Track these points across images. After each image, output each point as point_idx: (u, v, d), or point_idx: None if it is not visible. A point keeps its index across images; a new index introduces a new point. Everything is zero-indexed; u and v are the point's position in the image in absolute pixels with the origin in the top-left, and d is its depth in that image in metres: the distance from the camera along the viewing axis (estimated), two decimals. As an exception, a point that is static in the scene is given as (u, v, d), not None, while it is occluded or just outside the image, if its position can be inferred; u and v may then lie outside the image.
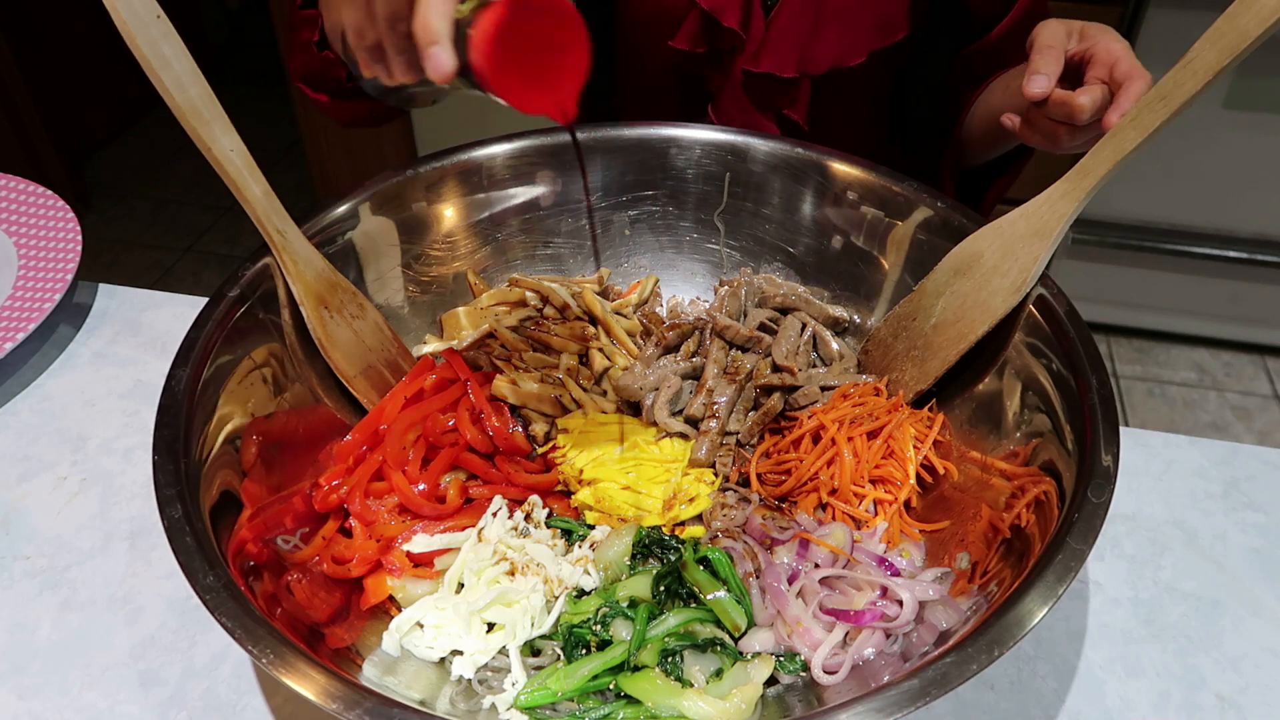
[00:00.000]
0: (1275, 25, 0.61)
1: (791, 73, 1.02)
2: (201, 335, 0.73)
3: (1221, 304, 2.32)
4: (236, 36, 3.60)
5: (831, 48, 1.01)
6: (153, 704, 0.70)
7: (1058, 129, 0.82)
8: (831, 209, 0.94)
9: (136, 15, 0.65)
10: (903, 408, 0.82)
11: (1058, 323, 0.75)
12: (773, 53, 1.02)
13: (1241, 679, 0.73)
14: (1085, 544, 0.59)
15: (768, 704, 0.64)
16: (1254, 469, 0.88)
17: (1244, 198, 2.15)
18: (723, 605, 0.68)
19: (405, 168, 0.92)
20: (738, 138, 0.96)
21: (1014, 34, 1.02)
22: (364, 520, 0.74)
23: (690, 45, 1.03)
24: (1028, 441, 0.73)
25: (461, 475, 0.79)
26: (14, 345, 0.93)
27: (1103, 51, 0.79)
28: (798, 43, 1.01)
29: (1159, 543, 0.82)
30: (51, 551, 0.81)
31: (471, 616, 0.68)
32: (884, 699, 0.53)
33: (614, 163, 0.98)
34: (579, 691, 0.63)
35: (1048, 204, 0.76)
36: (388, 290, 0.93)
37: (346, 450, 0.78)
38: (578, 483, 0.80)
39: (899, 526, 0.75)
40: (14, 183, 1.12)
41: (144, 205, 2.98)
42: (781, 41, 1.01)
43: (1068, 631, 0.75)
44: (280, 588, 0.66)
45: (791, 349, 0.89)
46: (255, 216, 0.76)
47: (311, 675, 0.54)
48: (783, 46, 1.02)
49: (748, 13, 1.00)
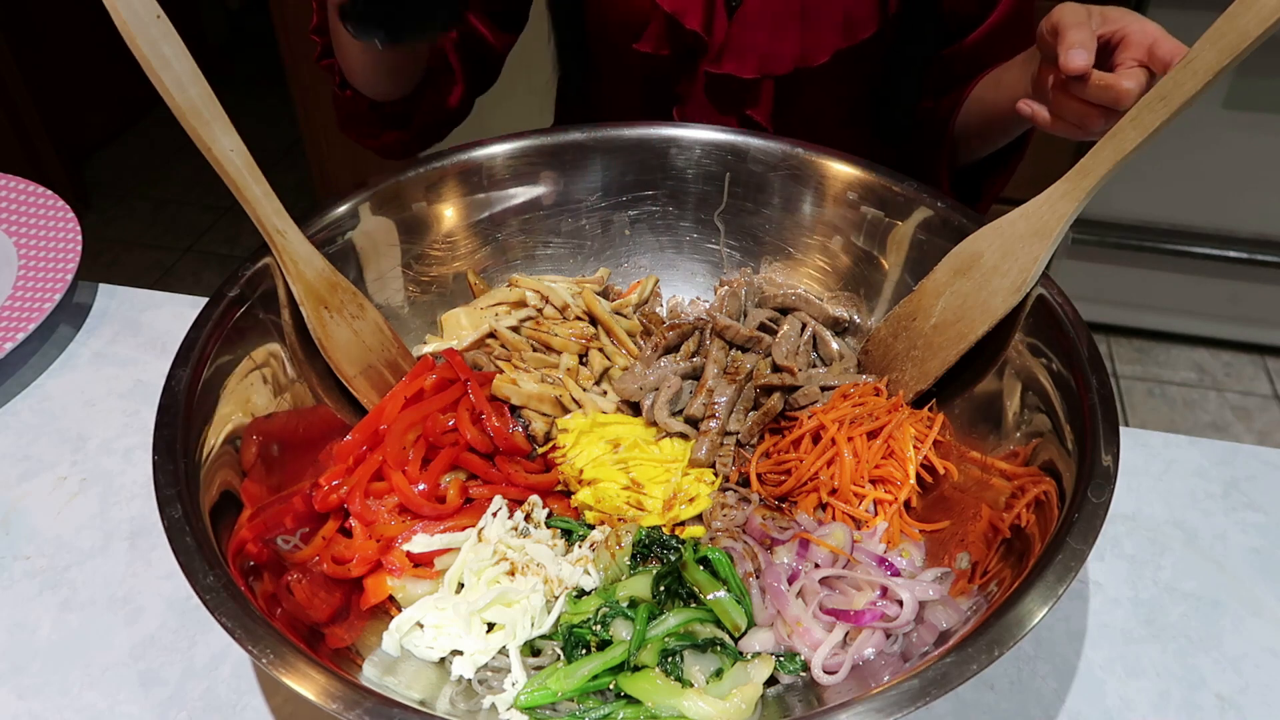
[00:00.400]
0: (1275, 25, 0.61)
1: (752, 74, 1.02)
2: (201, 335, 0.73)
3: (1221, 304, 2.32)
4: (236, 36, 3.60)
5: (794, 48, 1.01)
6: (153, 704, 0.70)
7: (1090, 113, 0.77)
8: (831, 209, 0.94)
9: (136, 15, 0.65)
10: (903, 408, 0.82)
11: (1058, 323, 0.75)
12: (734, 54, 1.02)
13: (1241, 679, 0.73)
14: (1085, 544, 0.59)
15: (768, 704, 0.64)
16: (1254, 469, 0.88)
17: (1244, 198, 2.15)
18: (723, 605, 0.68)
19: (405, 168, 0.92)
20: (738, 138, 0.96)
21: (996, 35, 1.01)
22: (364, 520, 0.74)
23: (654, 48, 1.03)
24: (1028, 441, 0.73)
25: (461, 475, 0.79)
26: (14, 345, 0.93)
27: (1137, 33, 0.75)
28: (759, 43, 1.01)
29: (1159, 543, 0.82)
30: (51, 551, 0.81)
31: (471, 616, 0.68)
32: (884, 699, 0.53)
33: (614, 163, 0.98)
34: (579, 691, 0.63)
35: (1048, 204, 0.76)
36: (388, 290, 0.93)
37: (346, 450, 0.78)
38: (578, 483, 0.80)
39: (899, 526, 0.75)
40: (14, 183, 1.12)
41: (144, 205, 2.98)
42: (743, 42, 1.01)
43: (1068, 631, 0.75)
44: (280, 588, 0.66)
45: (791, 349, 0.89)
46: (255, 216, 0.76)
47: (311, 675, 0.54)
48: (744, 47, 1.01)
49: (710, 14, 1.00)
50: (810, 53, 1.01)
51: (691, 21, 1.00)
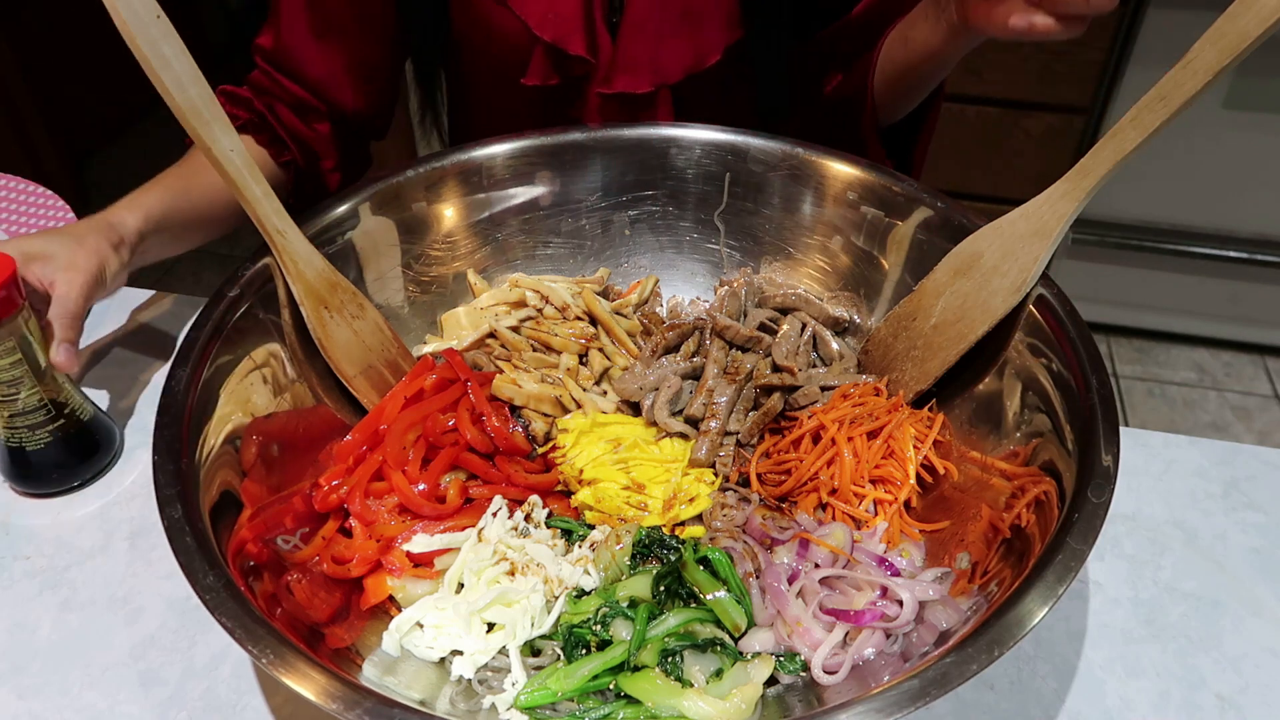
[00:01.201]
0: (1275, 25, 0.61)
1: (647, 87, 1.01)
2: (201, 335, 0.73)
3: (1221, 304, 2.32)
4: (236, 36, 3.59)
5: (684, 53, 0.99)
6: (153, 704, 0.70)
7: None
8: (831, 209, 0.94)
9: (136, 15, 0.65)
10: (903, 408, 0.82)
11: (1058, 323, 0.75)
12: (624, 70, 1.00)
13: (1241, 679, 0.73)
14: (1085, 544, 0.59)
15: (768, 704, 0.64)
16: (1254, 469, 0.88)
17: (1244, 198, 2.15)
18: (723, 605, 0.68)
19: (405, 168, 0.92)
20: (738, 138, 0.96)
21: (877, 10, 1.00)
22: (364, 520, 0.74)
23: (542, 79, 1.01)
24: (1028, 441, 0.73)
25: (461, 475, 0.79)
26: (14, 345, 0.93)
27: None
28: (648, 56, 0.99)
29: (1159, 543, 0.82)
30: (51, 551, 0.81)
31: (471, 616, 0.68)
32: (884, 699, 0.53)
33: (614, 163, 0.98)
34: (579, 691, 0.63)
35: (1048, 204, 0.76)
36: (388, 290, 0.93)
37: (346, 450, 0.78)
38: (578, 483, 0.80)
39: (899, 526, 0.75)
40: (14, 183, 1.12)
41: (144, 205, 2.98)
42: (631, 58, 0.99)
43: (1068, 631, 0.75)
44: (280, 588, 0.66)
45: (791, 349, 0.89)
46: (255, 216, 0.76)
47: (311, 675, 0.54)
48: (633, 62, 1.00)
49: (592, 36, 0.98)
50: (701, 55, 1.00)
51: (575, 47, 0.97)
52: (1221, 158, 2.08)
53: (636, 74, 1.00)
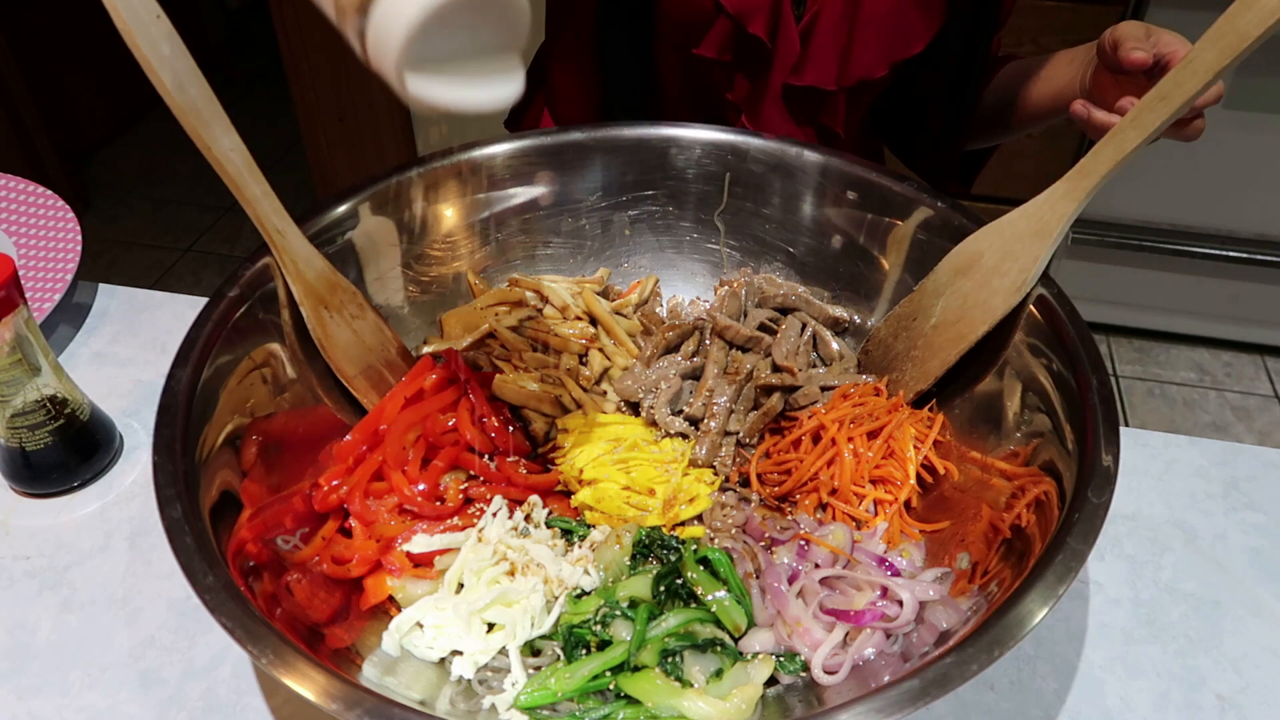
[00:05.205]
0: (1275, 25, 0.61)
1: (833, 86, 1.01)
2: (201, 335, 0.73)
3: (1221, 304, 2.32)
4: (236, 36, 3.60)
5: (863, 60, 1.00)
6: (153, 704, 0.70)
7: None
8: (831, 209, 0.94)
9: (136, 15, 0.65)
10: (903, 408, 0.82)
11: (1058, 323, 0.75)
12: (815, 66, 1.00)
13: (1241, 679, 0.73)
14: (1085, 544, 0.59)
15: (768, 704, 0.64)
16: (1254, 469, 0.88)
17: (1244, 198, 2.15)
18: (723, 605, 0.68)
19: (405, 168, 0.92)
20: (738, 138, 0.96)
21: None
22: (364, 520, 0.74)
23: (716, 53, 1.00)
24: (1028, 441, 0.73)
25: (461, 475, 0.79)
26: (14, 345, 0.93)
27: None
28: (837, 55, 1.00)
29: (1159, 543, 0.82)
30: (51, 551, 0.81)
31: (471, 616, 0.68)
32: (884, 699, 0.53)
33: (614, 163, 0.98)
34: (579, 691, 0.63)
35: (1048, 204, 0.76)
36: (388, 290, 0.93)
37: (346, 450, 0.78)
38: (578, 483, 0.80)
39: (899, 526, 0.75)
40: (14, 183, 1.12)
41: (144, 205, 2.98)
42: (822, 54, 1.00)
43: (1068, 631, 0.75)
44: (280, 588, 0.66)
45: (791, 349, 0.89)
46: (255, 216, 0.76)
47: (311, 675, 0.54)
48: (824, 59, 1.00)
49: (775, 21, 0.98)
50: (874, 66, 1.01)
51: (755, 27, 0.97)
52: (1222, 158, 2.08)
53: (825, 71, 1.00)
